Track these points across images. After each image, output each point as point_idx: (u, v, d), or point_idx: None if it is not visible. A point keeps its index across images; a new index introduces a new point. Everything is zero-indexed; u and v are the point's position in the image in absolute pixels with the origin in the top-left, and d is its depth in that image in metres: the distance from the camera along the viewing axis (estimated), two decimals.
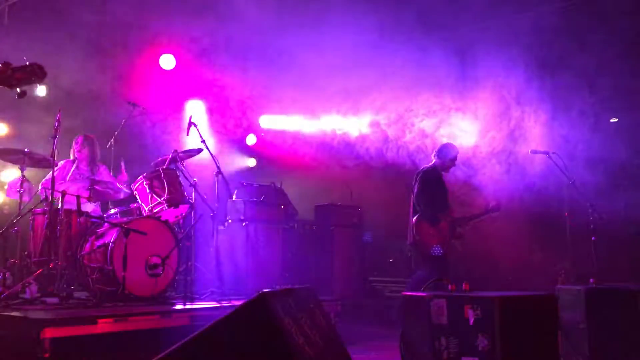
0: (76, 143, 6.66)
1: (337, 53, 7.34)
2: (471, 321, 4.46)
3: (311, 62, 7.39)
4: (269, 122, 10.21)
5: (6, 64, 3.10)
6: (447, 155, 6.92)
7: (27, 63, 3.18)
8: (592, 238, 6.25)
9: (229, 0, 7.18)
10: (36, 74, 3.13)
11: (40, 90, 7.04)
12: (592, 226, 6.29)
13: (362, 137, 8.73)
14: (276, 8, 7.23)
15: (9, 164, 6.53)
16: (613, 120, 7.80)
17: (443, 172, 6.97)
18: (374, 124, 8.55)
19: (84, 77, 7.07)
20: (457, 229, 6.75)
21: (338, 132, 8.97)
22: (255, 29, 7.54)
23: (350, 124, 8.97)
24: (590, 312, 5.12)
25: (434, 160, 6.96)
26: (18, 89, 3.15)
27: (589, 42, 6.99)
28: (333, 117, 9.07)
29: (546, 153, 6.63)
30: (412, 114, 8.03)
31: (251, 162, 10.51)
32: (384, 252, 9.12)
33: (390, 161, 8.28)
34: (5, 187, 6.09)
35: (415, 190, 6.78)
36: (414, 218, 6.67)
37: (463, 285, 4.90)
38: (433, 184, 6.74)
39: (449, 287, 4.94)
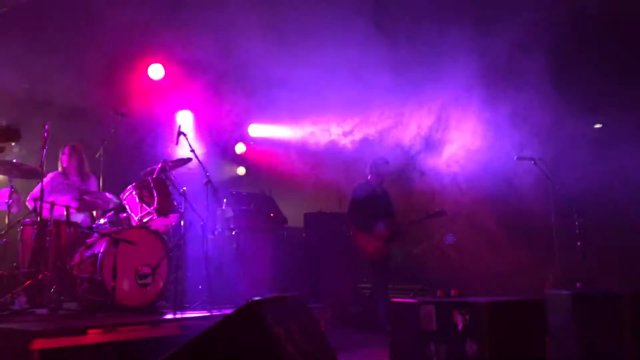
0: (63, 153, 6.64)
1: (325, 63, 7.39)
2: (460, 327, 4.50)
3: (301, 73, 7.43)
4: (257, 130, 10.23)
5: None
6: (380, 170, 7.49)
7: (4, 124, 3.23)
8: (578, 243, 6.32)
9: (218, 10, 7.20)
10: (12, 134, 3.17)
11: None
12: (578, 231, 6.36)
13: (350, 145, 8.77)
14: (265, 20, 7.27)
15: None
16: (597, 126, 7.90)
17: (380, 185, 7.49)
18: (361, 133, 8.62)
19: (72, 87, 7.06)
20: (395, 234, 7.21)
21: (325, 141, 9.01)
22: (244, 38, 7.57)
23: (336, 133, 9.01)
24: (578, 316, 5.16)
25: (368, 176, 7.52)
26: None
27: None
28: (321, 126, 9.10)
29: (532, 159, 6.73)
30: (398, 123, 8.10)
31: (241, 170, 10.51)
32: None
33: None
34: None
35: (349, 205, 7.45)
36: (351, 231, 7.30)
37: (451, 291, 4.94)
38: (362, 199, 7.29)
39: (438, 293, 4.98)
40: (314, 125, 8.94)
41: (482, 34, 7.18)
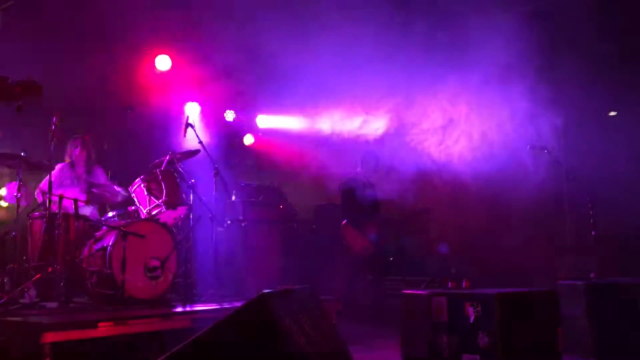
0: (73, 145, 6.63)
1: (333, 52, 7.31)
2: (471, 318, 4.46)
3: (310, 62, 7.37)
4: (266, 122, 10.18)
5: (3, 79, 3.12)
6: (369, 163, 7.60)
7: (25, 78, 3.19)
8: (592, 232, 6.25)
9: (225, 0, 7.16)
10: (33, 88, 3.15)
11: None
12: (592, 220, 6.29)
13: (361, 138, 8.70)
14: (272, 9, 7.21)
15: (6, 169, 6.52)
16: (612, 113, 7.80)
17: (369, 179, 7.58)
18: (372, 125, 8.54)
19: (79, 79, 7.04)
20: (383, 231, 7.42)
21: (336, 132, 8.94)
22: (251, 29, 7.52)
23: (346, 124, 8.93)
24: (591, 307, 5.12)
25: (357, 168, 7.67)
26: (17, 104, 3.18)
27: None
28: (331, 117, 9.02)
29: (544, 148, 6.65)
30: (413, 115, 8.02)
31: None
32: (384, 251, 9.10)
33: (388, 160, 8.26)
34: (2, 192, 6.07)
35: (340, 199, 7.60)
36: (342, 223, 7.40)
37: (463, 283, 4.91)
38: (353, 193, 7.35)
39: (449, 284, 4.94)
40: (327, 117, 8.86)
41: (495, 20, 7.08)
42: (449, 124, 7.66)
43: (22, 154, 5.67)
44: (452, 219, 8.03)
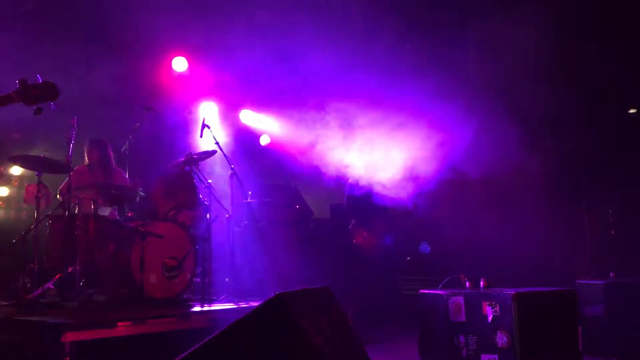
0: (92, 147, 6.71)
1: (351, 51, 7.31)
2: (489, 318, 4.44)
3: (328, 61, 7.37)
4: (280, 121, 10.19)
5: (23, 82, 3.18)
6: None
7: (41, 81, 3.24)
8: (612, 232, 6.19)
9: (240, 1, 7.19)
10: (50, 91, 3.20)
11: None
12: (611, 220, 6.23)
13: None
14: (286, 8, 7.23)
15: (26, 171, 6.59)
16: (632, 111, 7.71)
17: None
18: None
19: (97, 81, 7.11)
20: (392, 228, 7.58)
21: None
22: (265, 29, 7.54)
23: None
24: (611, 306, 5.07)
25: None
26: (35, 106, 3.23)
27: None
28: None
29: (561, 146, 6.61)
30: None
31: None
32: (401, 251, 9.08)
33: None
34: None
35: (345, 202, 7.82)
36: (350, 224, 7.57)
37: (481, 282, 4.87)
38: (356, 195, 7.51)
39: (467, 284, 4.92)
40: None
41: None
42: (463, 121, 7.62)
43: (42, 155, 5.73)
44: (467, 219, 7.97)
